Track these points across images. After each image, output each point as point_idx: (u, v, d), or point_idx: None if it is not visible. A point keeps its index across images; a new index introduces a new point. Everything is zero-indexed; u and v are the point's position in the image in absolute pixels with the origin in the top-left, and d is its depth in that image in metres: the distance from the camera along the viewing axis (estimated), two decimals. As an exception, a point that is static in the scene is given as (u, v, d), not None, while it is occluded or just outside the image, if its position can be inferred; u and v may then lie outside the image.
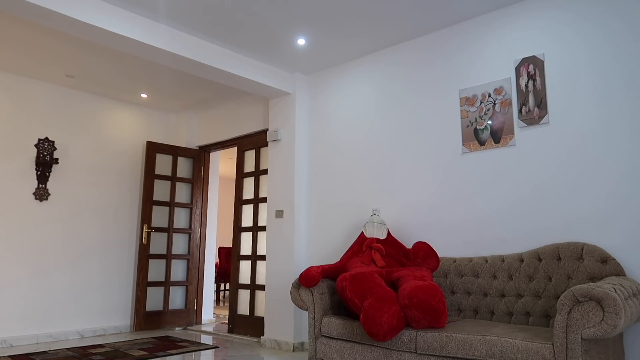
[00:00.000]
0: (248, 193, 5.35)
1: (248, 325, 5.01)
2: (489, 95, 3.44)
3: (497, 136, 3.36)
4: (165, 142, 6.05)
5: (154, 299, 5.51)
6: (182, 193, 5.90)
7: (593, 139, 2.96)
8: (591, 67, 3.02)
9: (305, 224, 4.56)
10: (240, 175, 5.43)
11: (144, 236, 5.44)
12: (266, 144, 5.11)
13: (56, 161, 5.01)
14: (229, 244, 10.14)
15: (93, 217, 5.27)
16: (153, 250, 5.55)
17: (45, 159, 4.95)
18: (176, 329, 5.57)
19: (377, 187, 4.04)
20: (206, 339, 4.89)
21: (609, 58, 2.96)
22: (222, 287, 9.39)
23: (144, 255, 5.44)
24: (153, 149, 5.68)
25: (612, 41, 2.96)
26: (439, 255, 3.57)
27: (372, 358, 2.83)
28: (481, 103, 3.48)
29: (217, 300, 8.70)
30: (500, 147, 3.35)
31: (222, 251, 8.65)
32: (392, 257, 3.38)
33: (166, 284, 5.61)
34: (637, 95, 2.83)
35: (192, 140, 6.12)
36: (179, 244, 5.80)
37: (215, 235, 6.23)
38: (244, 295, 5.18)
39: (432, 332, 2.62)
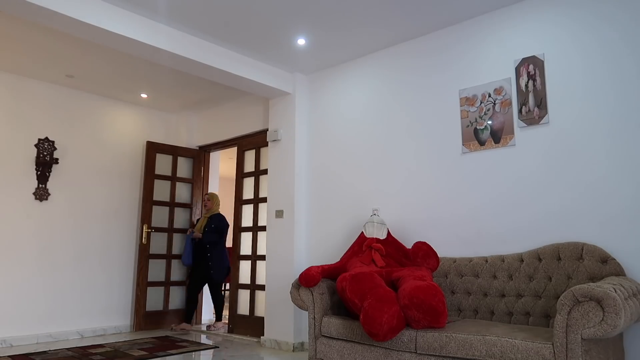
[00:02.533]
0: (248, 193, 5.35)
1: (248, 325, 5.01)
2: (489, 95, 3.44)
3: (497, 136, 3.37)
4: (165, 142, 6.05)
5: (154, 299, 5.52)
6: (182, 193, 5.90)
7: (593, 139, 2.96)
8: (592, 66, 3.01)
9: (305, 224, 4.56)
10: (240, 175, 5.43)
11: (144, 236, 5.44)
12: (266, 144, 5.11)
13: (56, 161, 5.01)
14: (229, 244, 10.12)
15: (93, 217, 5.27)
16: (153, 250, 5.55)
17: (45, 159, 4.95)
18: (176, 329, 5.57)
19: (377, 187, 4.04)
20: (206, 339, 4.89)
21: (609, 57, 2.95)
22: (222, 287, 9.37)
23: (144, 255, 5.44)
24: (153, 149, 5.68)
25: (613, 40, 2.95)
26: (439, 255, 3.57)
27: (372, 358, 2.83)
28: (481, 103, 3.48)
29: (217, 300, 8.68)
30: (500, 147, 3.35)
31: (222, 251, 8.63)
32: (392, 257, 3.38)
33: (166, 284, 5.61)
34: (639, 94, 2.83)
35: (192, 140, 6.12)
36: (179, 244, 5.80)
37: (215, 235, 6.23)
38: (244, 295, 5.18)
39: (432, 332, 2.62)
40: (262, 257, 5.02)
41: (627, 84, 2.87)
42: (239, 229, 5.35)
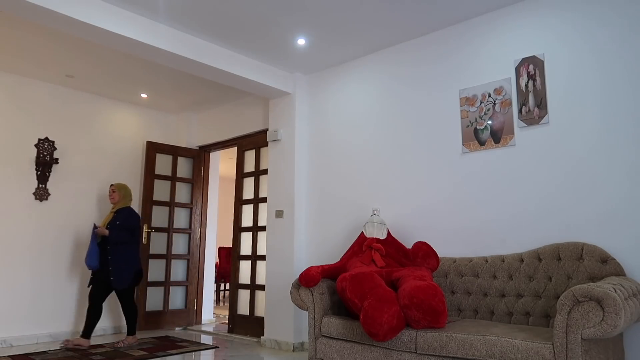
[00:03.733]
0: (248, 193, 5.35)
1: (248, 325, 5.01)
2: (489, 95, 3.44)
3: (497, 136, 3.37)
4: (165, 142, 6.05)
5: (154, 299, 5.51)
6: (182, 193, 5.90)
7: (593, 139, 2.96)
8: (591, 66, 3.02)
9: (305, 224, 4.56)
10: (240, 175, 5.43)
11: (144, 236, 5.44)
12: (266, 144, 5.11)
13: (56, 161, 5.01)
14: (229, 244, 10.13)
15: (93, 217, 5.27)
16: (153, 250, 5.55)
17: (45, 159, 4.94)
18: (176, 329, 5.57)
19: (377, 187, 4.04)
20: (206, 339, 4.89)
21: (610, 57, 2.96)
22: (222, 287, 9.39)
23: (144, 255, 5.44)
24: (153, 149, 5.68)
25: (613, 40, 2.95)
26: (439, 255, 3.57)
27: (372, 358, 2.83)
28: (481, 103, 3.48)
29: (217, 300, 8.70)
30: (500, 147, 3.35)
31: (222, 251, 8.65)
32: (392, 257, 3.38)
33: (166, 284, 5.61)
34: (639, 94, 2.83)
35: (192, 140, 6.12)
36: (179, 244, 5.80)
37: (215, 235, 6.24)
38: (244, 295, 5.18)
39: (432, 332, 2.62)
40: (262, 257, 5.02)
41: (628, 83, 2.87)
42: (239, 229, 5.35)
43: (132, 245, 4.54)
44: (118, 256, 4.42)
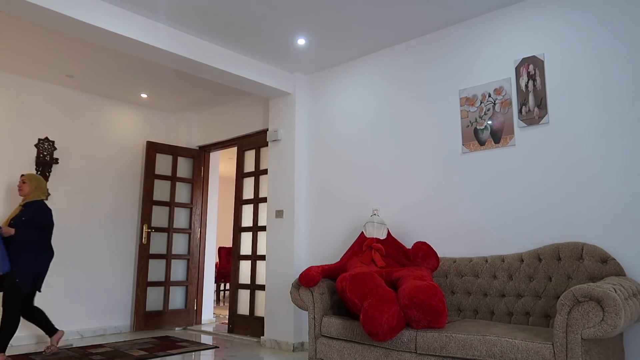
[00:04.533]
0: (248, 193, 5.35)
1: (248, 325, 5.01)
2: (489, 95, 3.44)
3: (497, 136, 3.36)
4: (165, 142, 6.05)
5: (154, 299, 5.51)
6: (182, 193, 5.90)
7: (593, 139, 2.96)
8: (591, 66, 3.02)
9: (305, 224, 4.56)
10: (240, 175, 5.43)
11: (144, 236, 5.44)
12: (266, 144, 5.11)
13: (56, 161, 5.01)
14: (229, 244, 10.13)
15: (93, 217, 5.27)
16: (153, 250, 5.55)
17: (45, 159, 4.94)
18: (176, 329, 5.57)
19: (377, 186, 4.04)
20: (206, 339, 4.89)
21: (609, 58, 2.96)
22: (222, 287, 9.39)
23: (144, 255, 5.44)
24: (153, 149, 5.68)
25: (612, 41, 2.96)
26: (439, 255, 3.57)
27: (372, 358, 2.83)
28: (481, 103, 3.48)
29: (217, 300, 8.70)
30: (500, 147, 3.35)
31: (222, 251, 8.65)
32: (392, 257, 3.38)
33: (166, 284, 5.61)
34: (638, 94, 2.83)
35: (192, 140, 6.12)
36: (179, 244, 5.80)
37: (215, 235, 6.24)
38: (244, 295, 5.18)
39: (432, 332, 2.62)
40: (262, 257, 5.02)
41: (627, 83, 2.87)
42: (239, 229, 5.35)
43: (39, 245, 3.97)
44: (24, 256, 3.87)
